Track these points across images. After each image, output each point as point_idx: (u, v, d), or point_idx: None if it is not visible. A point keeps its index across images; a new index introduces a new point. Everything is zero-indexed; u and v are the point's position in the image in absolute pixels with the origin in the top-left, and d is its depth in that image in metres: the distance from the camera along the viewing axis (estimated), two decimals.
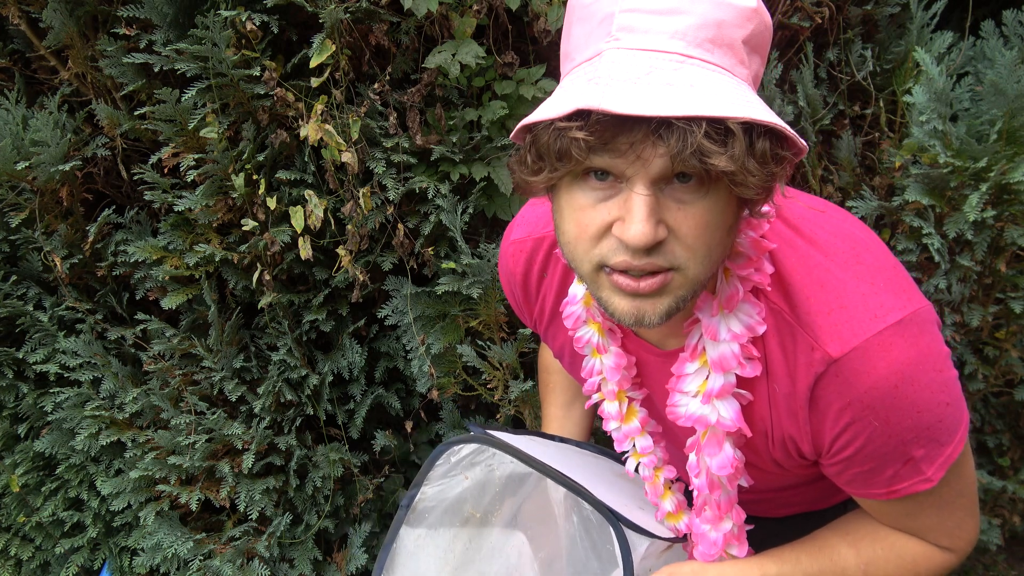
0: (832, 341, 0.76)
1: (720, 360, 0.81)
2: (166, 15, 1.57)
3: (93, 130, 1.80)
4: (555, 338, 1.06)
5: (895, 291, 0.78)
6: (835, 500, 1.07)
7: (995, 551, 2.21)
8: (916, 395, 0.75)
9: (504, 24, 1.62)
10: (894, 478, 0.81)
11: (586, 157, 0.65)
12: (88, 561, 2.03)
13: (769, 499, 1.07)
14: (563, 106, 0.63)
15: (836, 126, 1.73)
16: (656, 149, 0.63)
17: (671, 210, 0.67)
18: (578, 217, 0.71)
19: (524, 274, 1.04)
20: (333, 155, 1.60)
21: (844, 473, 0.84)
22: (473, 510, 1.00)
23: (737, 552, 0.97)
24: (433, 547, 1.00)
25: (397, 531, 1.01)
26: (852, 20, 1.67)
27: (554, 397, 1.28)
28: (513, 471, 0.98)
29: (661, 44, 0.64)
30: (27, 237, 1.81)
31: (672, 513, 1.06)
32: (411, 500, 1.01)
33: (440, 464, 1.01)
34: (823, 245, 0.81)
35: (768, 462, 0.90)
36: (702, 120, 0.60)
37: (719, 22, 0.64)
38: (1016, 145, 1.52)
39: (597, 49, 0.67)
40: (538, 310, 1.06)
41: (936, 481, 0.80)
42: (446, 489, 1.00)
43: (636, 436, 1.02)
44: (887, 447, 0.78)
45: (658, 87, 0.61)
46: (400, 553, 1.00)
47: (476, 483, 1.00)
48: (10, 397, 1.95)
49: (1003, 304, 1.72)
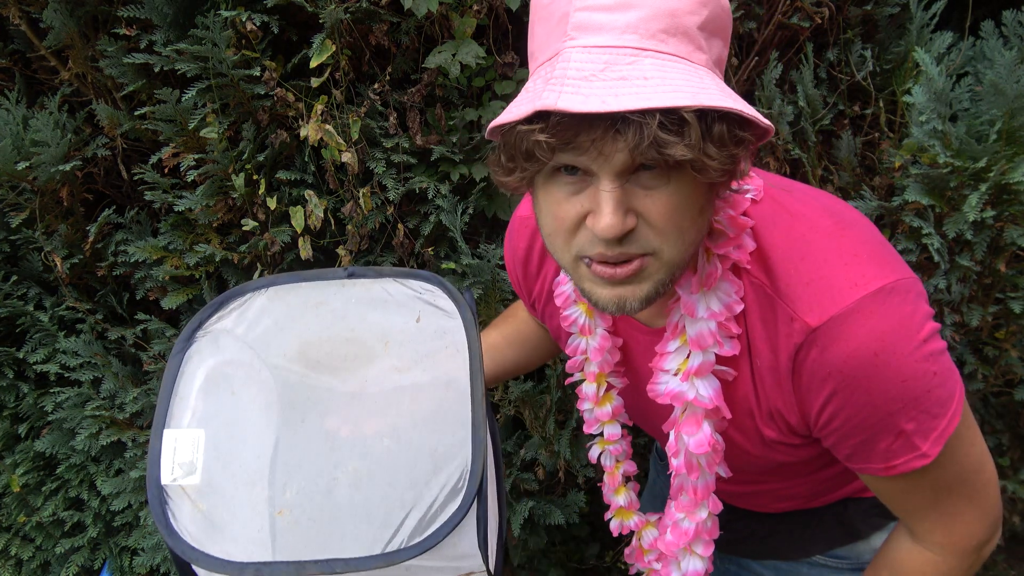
0: (811, 311, 0.76)
1: (698, 337, 0.82)
2: (166, 15, 1.57)
3: (93, 130, 1.80)
4: (552, 318, 1.07)
5: (878, 262, 0.78)
6: (831, 498, 1.07)
7: (995, 551, 2.21)
8: (899, 364, 0.75)
9: (504, 24, 1.62)
10: (889, 453, 0.80)
11: (551, 157, 0.67)
12: (88, 561, 2.03)
13: (764, 491, 1.07)
14: (523, 108, 0.64)
15: (836, 126, 1.73)
16: (616, 144, 0.64)
17: (639, 197, 0.69)
18: (554, 211, 0.73)
19: (527, 250, 1.05)
20: (333, 155, 1.60)
21: (840, 447, 0.84)
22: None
23: (702, 551, 0.96)
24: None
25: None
26: (852, 20, 1.67)
27: (504, 327, 1.27)
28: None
29: (615, 39, 0.65)
30: (27, 237, 1.81)
31: (624, 509, 1.08)
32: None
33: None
34: (807, 218, 0.82)
35: (758, 443, 0.90)
36: (655, 112, 0.61)
37: (671, 11, 0.65)
38: (1016, 145, 1.52)
39: (555, 48, 0.68)
40: (538, 289, 1.07)
41: (933, 456, 0.79)
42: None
43: (606, 422, 1.04)
44: (874, 418, 0.77)
45: (613, 82, 0.62)
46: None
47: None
48: (10, 397, 1.95)
49: (1003, 304, 1.72)
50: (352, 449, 0.82)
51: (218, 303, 0.86)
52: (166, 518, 0.73)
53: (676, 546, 0.97)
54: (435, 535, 0.70)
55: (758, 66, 1.69)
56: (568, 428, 1.81)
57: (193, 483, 0.76)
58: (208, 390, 0.82)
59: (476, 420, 0.75)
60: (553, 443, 1.83)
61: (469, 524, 0.73)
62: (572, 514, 1.89)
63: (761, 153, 1.69)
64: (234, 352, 0.85)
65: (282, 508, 0.79)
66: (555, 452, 1.83)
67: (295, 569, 0.69)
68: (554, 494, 1.97)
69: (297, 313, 0.87)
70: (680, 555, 0.98)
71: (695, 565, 0.97)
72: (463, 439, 0.76)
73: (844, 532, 1.09)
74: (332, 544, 0.78)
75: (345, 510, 0.79)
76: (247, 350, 0.85)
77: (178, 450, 0.77)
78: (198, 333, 0.84)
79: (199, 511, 0.76)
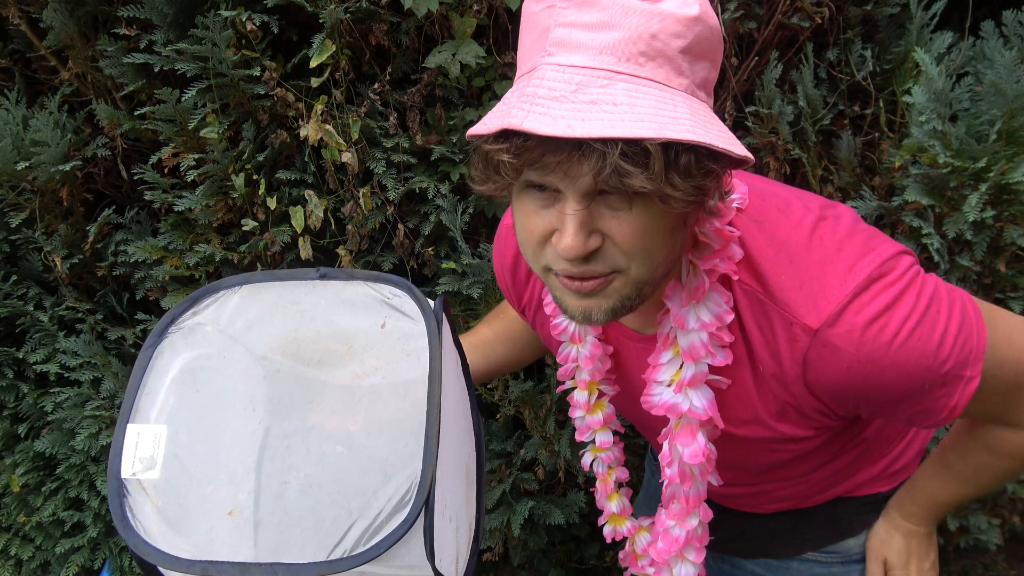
0: (809, 312, 0.77)
1: (690, 349, 0.82)
2: (166, 15, 1.57)
3: (93, 130, 1.80)
4: (543, 325, 1.07)
5: (864, 250, 0.78)
6: (823, 497, 1.07)
7: (995, 551, 2.21)
8: (910, 337, 0.75)
9: (504, 24, 1.62)
10: (943, 398, 0.79)
11: (516, 176, 0.67)
12: (88, 561, 2.03)
13: (759, 492, 1.07)
14: (492, 123, 0.64)
15: (836, 126, 1.73)
16: (581, 167, 0.63)
17: (605, 218, 0.69)
18: (524, 223, 0.73)
19: (514, 258, 1.05)
20: (333, 155, 1.60)
21: (895, 420, 0.84)
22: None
23: (694, 557, 0.97)
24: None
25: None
26: (852, 20, 1.67)
27: (495, 323, 1.27)
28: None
29: (591, 60, 0.64)
30: (27, 237, 1.81)
31: (616, 515, 1.09)
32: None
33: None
34: (793, 221, 0.82)
35: (766, 439, 0.90)
36: (618, 141, 0.60)
37: (653, 34, 0.64)
38: (1016, 145, 1.52)
39: (534, 62, 0.67)
40: (527, 296, 1.07)
41: (979, 375, 0.79)
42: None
43: (597, 429, 1.04)
44: (910, 389, 0.78)
45: (582, 105, 0.61)
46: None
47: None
48: (10, 397, 1.95)
49: (1003, 304, 1.72)
50: (307, 454, 0.82)
51: (192, 299, 0.85)
52: (123, 511, 0.73)
53: (667, 553, 0.98)
54: (378, 546, 0.69)
55: (758, 66, 1.69)
56: (568, 428, 1.81)
57: (151, 478, 0.76)
58: (177, 387, 0.81)
59: (429, 432, 0.73)
60: (553, 443, 1.83)
61: (416, 536, 0.72)
62: (572, 514, 1.89)
63: (761, 154, 1.69)
64: (209, 345, 0.84)
65: (232, 509, 0.79)
66: (555, 452, 1.83)
67: (240, 571, 0.69)
68: (554, 494, 1.97)
69: (269, 312, 0.86)
70: (672, 561, 0.99)
71: (687, 571, 0.98)
72: (415, 451, 0.75)
73: (835, 530, 1.10)
74: (279, 548, 0.78)
75: (293, 515, 0.79)
76: (222, 343, 0.85)
77: (140, 445, 0.77)
78: (170, 329, 0.84)
79: (155, 507, 0.75)
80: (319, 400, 0.84)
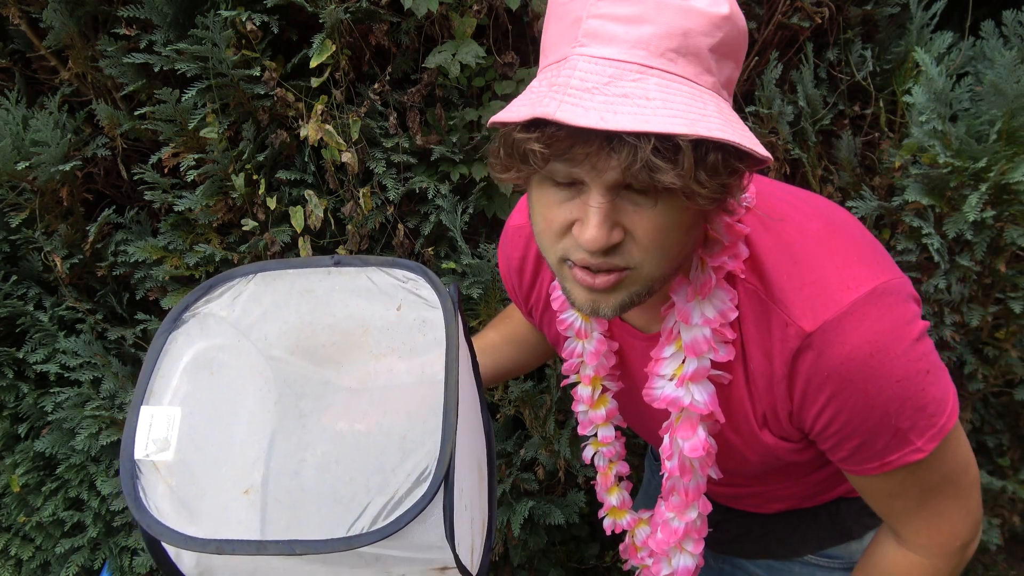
0: (805, 316, 0.77)
1: (693, 344, 0.83)
2: (166, 15, 1.57)
3: (93, 130, 1.80)
4: (550, 326, 1.07)
5: (868, 264, 0.78)
6: (824, 498, 1.07)
7: (995, 551, 2.21)
8: (892, 364, 0.75)
9: (504, 24, 1.62)
10: (885, 450, 0.80)
11: (544, 165, 0.67)
12: (88, 561, 2.03)
13: (758, 493, 1.07)
14: (523, 111, 0.64)
15: (836, 126, 1.73)
16: (610, 160, 0.63)
17: (627, 213, 0.69)
18: (544, 213, 0.73)
19: (521, 260, 1.05)
20: (333, 155, 1.60)
21: (837, 449, 0.84)
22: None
23: (692, 548, 0.97)
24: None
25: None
26: (852, 20, 1.67)
27: (501, 327, 1.28)
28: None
29: (624, 53, 0.64)
30: (27, 237, 1.81)
31: (616, 508, 1.09)
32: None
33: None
34: (798, 223, 0.82)
35: (755, 446, 0.90)
36: (651, 136, 0.61)
37: (685, 31, 0.64)
38: (1016, 145, 1.52)
39: (564, 52, 0.67)
40: (535, 297, 1.07)
41: (928, 452, 0.80)
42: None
43: (600, 424, 1.05)
44: (872, 419, 0.78)
45: (614, 98, 0.61)
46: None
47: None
48: (10, 397, 1.95)
49: (1003, 304, 1.72)
50: (322, 433, 0.82)
51: (207, 287, 0.85)
52: (136, 492, 0.73)
53: (666, 544, 0.98)
54: (397, 522, 0.69)
55: (758, 66, 1.69)
56: (568, 428, 1.81)
57: (165, 459, 0.76)
58: (191, 371, 0.81)
59: (448, 409, 0.73)
60: (553, 443, 1.83)
61: (435, 513, 0.71)
62: (572, 514, 1.89)
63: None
64: (222, 336, 0.84)
65: (248, 488, 0.79)
66: (555, 452, 1.83)
67: (256, 548, 0.68)
68: (554, 494, 1.97)
69: (282, 300, 0.86)
70: (671, 552, 0.99)
71: (685, 562, 0.99)
72: (433, 428, 0.74)
73: (837, 532, 1.09)
74: (296, 525, 0.77)
75: (311, 493, 0.78)
76: (235, 334, 0.85)
77: (153, 427, 0.77)
78: (185, 315, 0.84)
79: (168, 487, 0.75)
80: (335, 380, 0.84)
